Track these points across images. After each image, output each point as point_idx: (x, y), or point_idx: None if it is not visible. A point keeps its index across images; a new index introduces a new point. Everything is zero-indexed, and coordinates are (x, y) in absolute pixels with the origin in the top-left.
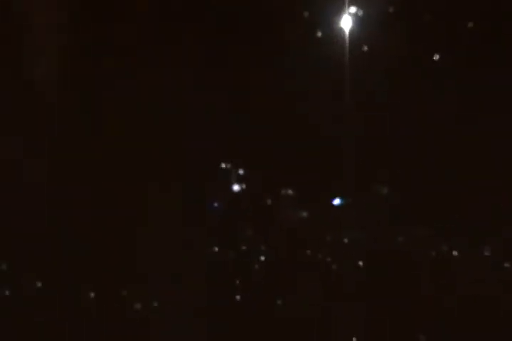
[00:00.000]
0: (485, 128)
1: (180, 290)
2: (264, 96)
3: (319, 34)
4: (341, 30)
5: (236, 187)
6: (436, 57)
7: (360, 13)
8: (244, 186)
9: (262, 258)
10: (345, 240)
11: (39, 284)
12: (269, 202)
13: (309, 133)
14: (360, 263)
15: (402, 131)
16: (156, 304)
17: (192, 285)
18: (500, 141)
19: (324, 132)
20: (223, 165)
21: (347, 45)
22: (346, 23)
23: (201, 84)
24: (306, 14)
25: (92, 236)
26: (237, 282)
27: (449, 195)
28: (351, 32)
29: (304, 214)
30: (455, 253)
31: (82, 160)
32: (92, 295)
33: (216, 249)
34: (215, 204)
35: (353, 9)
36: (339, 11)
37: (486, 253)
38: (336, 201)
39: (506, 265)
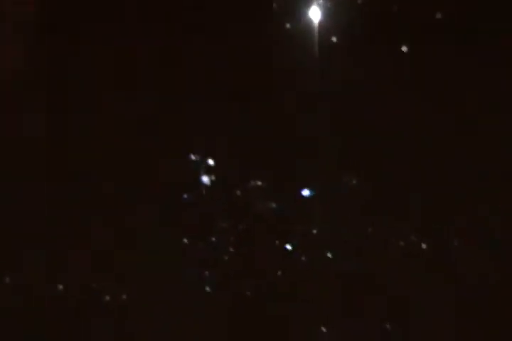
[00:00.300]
0: (453, 118)
1: (151, 282)
2: (235, 88)
3: (288, 25)
4: (310, 21)
5: (206, 179)
6: (404, 48)
7: (329, 4)
8: (213, 177)
9: (232, 249)
10: (314, 231)
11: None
12: (238, 193)
13: (280, 125)
14: (329, 254)
15: (371, 121)
16: (125, 296)
17: (163, 277)
18: (469, 130)
19: (295, 124)
20: (192, 157)
21: (316, 35)
22: (315, 14)
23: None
24: (274, 6)
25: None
26: (207, 273)
27: (419, 185)
28: (320, 23)
29: (273, 205)
30: (424, 245)
31: None
32: (61, 287)
33: (186, 240)
34: (185, 196)
35: (321, 1)
36: (308, 2)
37: (456, 244)
38: (305, 192)
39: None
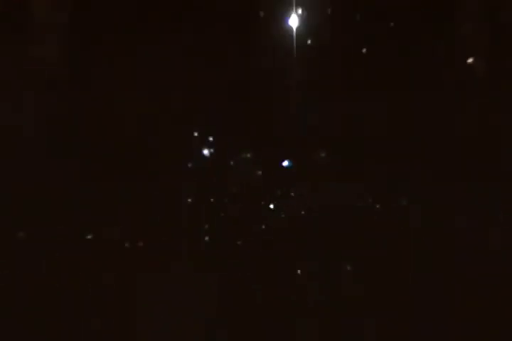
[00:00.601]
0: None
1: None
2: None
3: (271, 31)
4: (290, 27)
5: (206, 152)
6: (364, 50)
7: (305, 14)
8: (212, 150)
9: (227, 206)
10: (292, 194)
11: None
12: (232, 163)
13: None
14: (303, 212)
15: (337, 113)
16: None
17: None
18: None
19: (275, 110)
20: (195, 134)
21: (294, 38)
22: (294, 21)
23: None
24: (261, 14)
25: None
26: (206, 226)
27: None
28: (298, 28)
29: (260, 173)
30: (377, 205)
31: None
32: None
33: (190, 199)
34: (189, 165)
35: (299, 11)
36: (288, 11)
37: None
38: (285, 163)
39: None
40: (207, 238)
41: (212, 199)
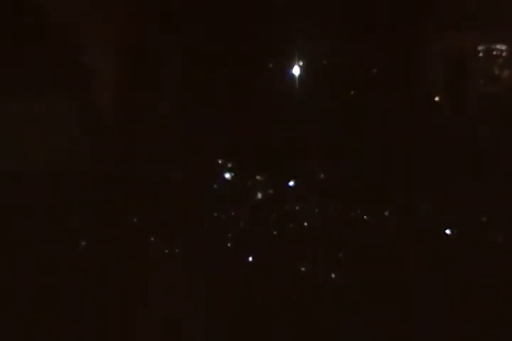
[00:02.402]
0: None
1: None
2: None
3: (278, 76)
4: (293, 74)
5: (227, 175)
6: (352, 92)
7: (305, 64)
8: (233, 174)
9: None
10: (297, 208)
11: None
12: (249, 184)
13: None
14: (305, 223)
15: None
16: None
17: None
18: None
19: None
20: (219, 161)
21: (297, 83)
22: (296, 70)
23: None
24: (270, 65)
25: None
26: (228, 234)
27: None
28: (299, 77)
29: (271, 191)
30: (365, 217)
31: None
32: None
33: (216, 213)
34: (214, 186)
35: (300, 62)
36: (292, 63)
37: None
38: (291, 183)
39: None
40: (229, 244)
41: (232, 213)
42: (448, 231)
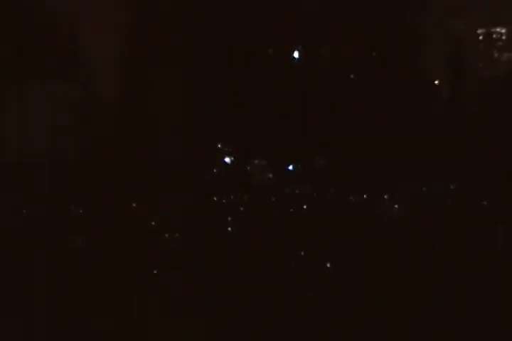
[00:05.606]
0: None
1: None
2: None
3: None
4: (293, 59)
5: (227, 159)
6: (351, 76)
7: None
8: (232, 158)
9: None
10: (296, 191)
11: None
12: (248, 168)
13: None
14: (305, 206)
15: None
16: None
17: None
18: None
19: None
20: (219, 145)
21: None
22: (296, 55)
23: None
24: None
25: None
26: (228, 218)
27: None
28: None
29: (270, 175)
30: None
31: None
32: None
33: (215, 198)
34: (214, 170)
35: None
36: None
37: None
38: (290, 167)
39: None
40: (230, 228)
41: (231, 196)
42: (450, 217)
